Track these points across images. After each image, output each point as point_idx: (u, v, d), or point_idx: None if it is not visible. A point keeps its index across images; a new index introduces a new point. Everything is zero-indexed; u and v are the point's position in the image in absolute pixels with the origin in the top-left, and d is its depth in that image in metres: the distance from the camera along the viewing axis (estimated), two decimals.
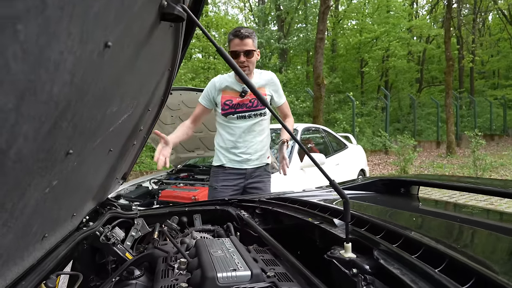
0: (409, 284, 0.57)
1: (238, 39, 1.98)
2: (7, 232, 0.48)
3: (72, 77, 0.36)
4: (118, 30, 0.44)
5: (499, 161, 8.67)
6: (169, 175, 3.87)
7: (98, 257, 1.26)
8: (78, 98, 0.43)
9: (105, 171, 1.01)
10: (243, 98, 2.10)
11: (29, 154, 0.37)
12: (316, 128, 4.93)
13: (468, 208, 1.35)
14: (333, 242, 0.87)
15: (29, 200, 0.49)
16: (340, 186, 1.63)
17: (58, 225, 0.80)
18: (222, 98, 2.12)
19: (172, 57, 1.04)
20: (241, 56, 2.00)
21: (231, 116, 2.12)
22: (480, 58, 20.93)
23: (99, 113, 0.59)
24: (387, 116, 12.50)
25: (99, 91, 0.51)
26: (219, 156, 2.20)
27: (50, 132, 0.41)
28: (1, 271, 0.53)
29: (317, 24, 9.57)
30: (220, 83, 2.12)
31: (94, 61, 0.40)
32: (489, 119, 16.56)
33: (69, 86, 0.37)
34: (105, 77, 0.49)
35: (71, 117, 0.45)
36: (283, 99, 2.27)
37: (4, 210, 0.44)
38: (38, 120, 0.34)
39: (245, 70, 2.03)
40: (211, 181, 2.23)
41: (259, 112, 2.13)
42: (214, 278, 0.78)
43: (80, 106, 0.46)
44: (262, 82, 2.15)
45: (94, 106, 0.54)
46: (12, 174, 0.37)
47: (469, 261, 0.57)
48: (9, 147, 0.31)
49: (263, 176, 2.24)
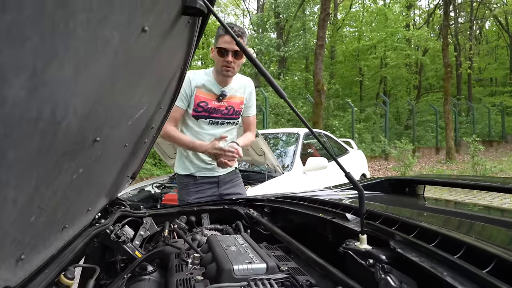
0: (429, 269, 0.58)
1: (228, 36, 1.76)
2: (39, 215, 0.49)
3: (115, 57, 0.37)
4: (152, 17, 0.46)
5: (498, 166, 8.70)
6: (171, 179, 3.87)
7: (107, 256, 1.26)
8: (114, 81, 0.44)
9: (118, 167, 1.02)
10: (219, 103, 1.90)
11: (74, 131, 0.38)
12: (318, 133, 4.96)
13: (476, 206, 1.36)
14: (346, 236, 0.87)
15: (60, 185, 0.50)
16: (347, 186, 1.63)
17: (76, 217, 0.81)
18: (196, 97, 1.87)
19: (185, 56, 1.06)
20: (229, 56, 1.78)
21: (202, 120, 1.91)
22: (477, 65, 21.12)
23: (125, 102, 0.61)
24: (386, 122, 12.55)
25: (128, 78, 0.52)
26: (186, 164, 1.96)
27: (89, 113, 0.42)
28: (29, 256, 0.54)
29: (317, 31, 9.67)
30: (196, 79, 1.87)
31: (131, 44, 0.41)
32: (488, 126, 16.65)
33: (111, 67, 0.38)
34: (136, 63, 0.51)
35: (106, 102, 0.47)
36: (253, 111, 2.08)
37: (40, 193, 0.45)
38: (85, 97, 0.35)
39: (229, 71, 1.83)
40: (181, 195, 1.99)
41: (233, 121, 1.97)
42: (231, 270, 0.79)
43: (114, 92, 0.48)
44: (240, 88, 1.97)
45: (122, 94, 0.55)
46: (55, 150, 0.38)
47: (488, 247, 0.58)
48: (62, 119, 0.32)
49: (236, 180, 2.08)
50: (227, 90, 1.91)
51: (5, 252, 0.42)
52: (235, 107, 1.95)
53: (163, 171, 8.56)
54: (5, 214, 0.34)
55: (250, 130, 2.08)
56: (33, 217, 0.45)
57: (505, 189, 1.11)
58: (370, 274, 0.72)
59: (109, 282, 1.21)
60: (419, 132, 15.20)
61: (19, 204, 0.36)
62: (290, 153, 3.82)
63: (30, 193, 0.37)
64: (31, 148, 0.32)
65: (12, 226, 0.38)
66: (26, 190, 0.36)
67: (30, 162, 0.34)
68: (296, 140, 4.00)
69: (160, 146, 3.73)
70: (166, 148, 3.80)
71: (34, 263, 0.57)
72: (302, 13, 17.94)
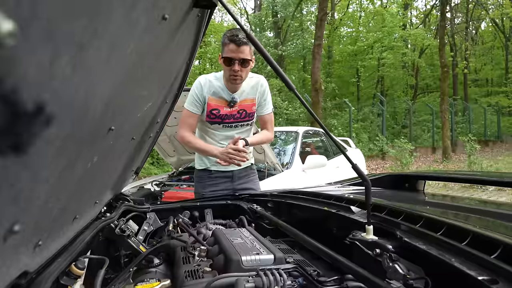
0: (437, 256, 0.59)
1: (234, 45, 1.71)
2: (57, 202, 0.50)
3: (139, 41, 0.38)
4: (170, 6, 0.46)
5: (494, 165, 8.77)
6: (171, 177, 3.87)
7: (112, 250, 1.27)
8: (134, 68, 0.45)
9: (125, 160, 1.02)
10: (231, 109, 1.89)
11: (97, 117, 0.39)
12: (316, 131, 4.98)
13: (474, 200, 1.38)
14: (352, 228, 0.89)
15: (76, 172, 0.51)
16: (348, 182, 1.64)
17: (85, 209, 0.81)
18: (208, 105, 1.87)
19: (191, 50, 1.06)
20: (236, 65, 1.74)
21: (216, 125, 1.93)
22: (474, 65, 21.28)
23: (138, 92, 0.61)
24: (384, 121, 12.61)
25: (145, 67, 0.53)
26: (202, 159, 2.02)
27: (109, 99, 0.43)
28: (46, 243, 0.54)
29: (315, 31, 9.70)
30: (208, 86, 1.87)
31: (153, 30, 0.42)
32: (484, 126, 16.77)
33: (136, 53, 0.39)
34: (153, 52, 0.51)
35: (124, 89, 0.47)
36: (269, 109, 2.01)
37: (62, 178, 0.45)
38: (110, 81, 0.36)
39: (237, 80, 1.80)
40: (196, 188, 2.05)
41: (246, 123, 1.96)
42: (239, 261, 0.80)
43: (132, 80, 0.48)
44: (252, 90, 1.93)
45: (137, 83, 0.56)
46: (81, 136, 0.39)
47: (493, 234, 0.60)
48: (91, 102, 0.33)
49: (251, 176, 2.10)
50: (238, 95, 1.89)
51: (27, 235, 0.43)
52: (247, 109, 1.93)
53: (161, 170, 8.54)
54: (34, 196, 0.35)
55: (267, 128, 2.03)
56: (52, 203, 0.46)
57: (506, 183, 1.13)
58: (377, 264, 0.74)
59: (113, 276, 1.21)
60: (416, 132, 15.28)
61: (45, 188, 0.37)
62: (289, 151, 3.84)
63: (56, 177, 0.38)
64: (63, 131, 0.33)
65: (37, 209, 0.39)
66: (53, 173, 0.37)
67: (60, 146, 0.35)
68: (295, 139, 4.02)
69: (160, 144, 3.73)
70: (166, 146, 3.80)
71: (49, 250, 0.58)
72: (300, 12, 17.96)
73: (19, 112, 0.24)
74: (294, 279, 0.75)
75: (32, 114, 0.26)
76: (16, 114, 0.24)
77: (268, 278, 0.69)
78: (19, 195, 0.31)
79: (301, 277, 0.75)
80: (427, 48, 19.52)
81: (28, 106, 0.25)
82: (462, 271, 0.52)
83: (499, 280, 0.48)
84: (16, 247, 0.38)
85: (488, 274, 0.50)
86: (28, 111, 0.25)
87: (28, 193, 0.33)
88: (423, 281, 0.61)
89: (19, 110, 0.24)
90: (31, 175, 0.32)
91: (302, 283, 0.74)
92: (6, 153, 0.25)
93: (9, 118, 0.23)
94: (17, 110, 0.24)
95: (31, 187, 0.33)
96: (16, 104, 0.23)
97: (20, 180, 0.29)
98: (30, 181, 0.32)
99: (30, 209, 0.36)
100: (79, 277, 0.73)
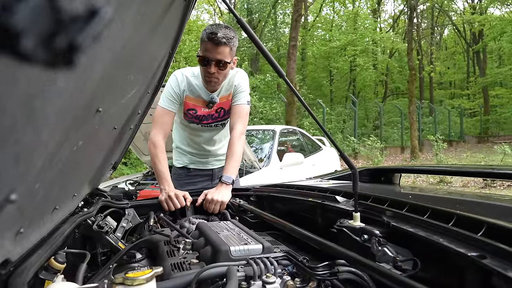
0: (426, 237, 0.61)
1: (211, 44, 1.49)
2: (41, 186, 0.47)
3: (134, 18, 0.36)
4: None
5: (459, 163, 9.26)
6: (145, 176, 3.77)
7: (89, 247, 1.21)
8: (122, 52, 0.43)
9: (105, 152, 0.98)
10: (209, 110, 1.73)
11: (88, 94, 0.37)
12: (293, 130, 5.03)
13: (449, 191, 1.44)
14: (338, 217, 0.90)
15: (62, 155, 0.48)
16: (328, 176, 1.67)
17: (64, 201, 0.77)
18: (185, 104, 1.71)
19: (173, 40, 1.04)
20: (212, 66, 1.53)
21: (194, 125, 1.80)
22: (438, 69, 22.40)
23: (124, 75, 0.59)
24: (356, 122, 12.97)
25: (128, 51, 0.51)
26: (181, 157, 1.91)
27: (101, 78, 0.41)
28: (27, 232, 0.51)
29: (290, 32, 9.81)
30: (186, 83, 1.69)
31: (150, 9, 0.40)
32: (448, 126, 17.69)
33: (133, 30, 0.37)
34: (136, 37, 0.50)
35: (112, 71, 0.45)
36: (242, 100, 1.73)
37: (48, 158, 0.43)
38: (104, 59, 0.34)
39: (212, 82, 1.61)
40: (175, 186, 1.74)
41: (225, 122, 1.83)
42: (227, 251, 0.79)
43: (121, 60, 0.46)
44: (228, 86, 1.73)
45: (124, 66, 0.54)
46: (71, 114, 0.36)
47: (476, 216, 0.62)
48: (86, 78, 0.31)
49: None
50: (217, 93, 1.71)
51: (9, 219, 0.40)
52: (225, 107, 1.76)
53: (134, 171, 8.28)
54: (31, 162, 0.32)
55: (235, 121, 1.68)
56: (40, 182, 0.43)
57: (477, 173, 1.19)
58: (365, 250, 0.75)
59: (90, 275, 1.16)
60: (386, 132, 15.85)
61: (42, 154, 0.34)
62: (266, 149, 3.85)
63: (51, 146, 0.36)
64: (55, 106, 0.30)
65: (32, 179, 0.36)
66: (50, 140, 0.34)
67: (53, 121, 0.32)
68: (272, 137, 4.04)
69: (135, 143, 3.62)
70: (140, 145, 3.70)
71: (29, 240, 0.54)
72: (274, 14, 18.11)
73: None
74: (284, 267, 0.74)
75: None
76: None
77: (259, 266, 0.69)
78: (20, 155, 0.28)
79: (291, 265, 0.75)
80: (395, 51, 20.32)
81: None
82: (451, 249, 0.54)
83: (487, 255, 0.50)
84: (2, 229, 0.35)
85: (476, 251, 0.52)
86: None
87: (27, 156, 0.30)
88: (412, 262, 0.63)
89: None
90: (34, 132, 0.29)
91: (292, 270, 0.74)
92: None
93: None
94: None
95: (32, 148, 0.31)
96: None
97: (25, 135, 0.27)
98: (32, 137, 0.29)
99: (25, 179, 0.33)
100: (59, 272, 0.69)
